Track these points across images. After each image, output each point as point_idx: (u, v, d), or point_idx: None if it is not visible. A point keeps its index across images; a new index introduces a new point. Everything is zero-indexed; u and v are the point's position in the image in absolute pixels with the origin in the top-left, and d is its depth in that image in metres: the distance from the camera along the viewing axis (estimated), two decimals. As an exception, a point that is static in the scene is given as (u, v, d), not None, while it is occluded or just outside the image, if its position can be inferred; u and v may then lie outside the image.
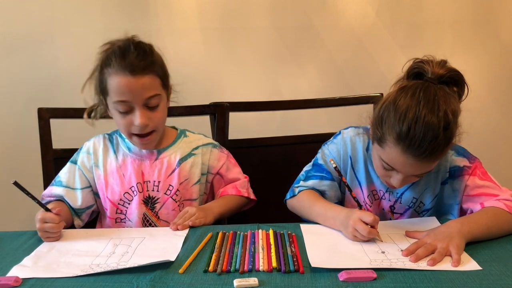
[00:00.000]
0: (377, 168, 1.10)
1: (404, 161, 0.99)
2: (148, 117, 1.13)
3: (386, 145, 1.01)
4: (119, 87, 1.10)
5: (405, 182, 1.06)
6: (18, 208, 2.07)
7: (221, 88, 2.01)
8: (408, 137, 0.95)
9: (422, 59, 1.04)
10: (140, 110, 1.12)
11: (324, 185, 1.20)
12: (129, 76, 1.10)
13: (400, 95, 1.00)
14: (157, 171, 1.23)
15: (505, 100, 2.26)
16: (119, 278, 0.86)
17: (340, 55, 2.17)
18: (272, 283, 0.82)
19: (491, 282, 0.81)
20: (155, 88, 1.14)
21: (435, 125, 0.94)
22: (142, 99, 1.12)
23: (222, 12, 2.08)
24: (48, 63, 2.03)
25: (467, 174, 1.12)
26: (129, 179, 1.22)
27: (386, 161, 1.03)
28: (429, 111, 0.95)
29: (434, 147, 0.95)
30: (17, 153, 2.05)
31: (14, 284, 0.84)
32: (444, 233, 0.95)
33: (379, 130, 1.02)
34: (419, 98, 0.96)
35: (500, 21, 2.21)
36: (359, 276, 0.82)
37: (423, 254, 0.91)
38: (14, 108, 2.03)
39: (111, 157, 1.24)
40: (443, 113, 0.95)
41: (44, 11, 2.00)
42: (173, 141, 1.27)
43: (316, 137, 1.50)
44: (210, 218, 1.15)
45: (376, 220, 0.98)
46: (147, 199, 1.22)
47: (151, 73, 1.12)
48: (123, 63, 1.10)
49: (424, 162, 0.99)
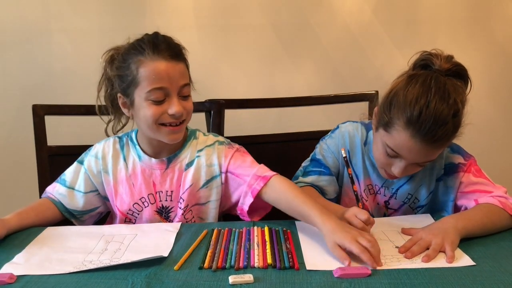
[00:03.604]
0: (379, 156, 1.10)
1: (411, 146, 1.00)
2: (182, 106, 1.09)
3: (394, 130, 1.02)
4: (157, 73, 1.05)
5: (406, 171, 1.07)
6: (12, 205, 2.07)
7: (216, 85, 2.01)
8: (418, 121, 0.97)
9: (430, 52, 1.07)
10: (176, 98, 1.08)
11: (322, 180, 1.20)
12: (167, 61, 1.06)
13: (410, 81, 1.02)
14: (169, 180, 1.17)
15: (501, 98, 2.27)
16: (114, 274, 0.85)
17: (335, 52, 2.17)
18: (267, 279, 0.82)
19: (485, 278, 0.81)
20: (187, 77, 1.11)
21: (445, 112, 0.97)
22: (178, 86, 1.08)
23: (218, 10, 2.08)
24: (43, 60, 2.02)
25: (462, 171, 1.13)
26: (139, 190, 1.17)
27: (392, 147, 1.04)
28: (440, 97, 0.97)
29: (443, 133, 0.98)
30: (12, 150, 2.04)
31: (8, 281, 0.83)
32: (439, 229, 0.96)
33: (386, 115, 1.04)
34: (430, 85, 0.99)
35: (495, 19, 2.22)
36: (354, 273, 0.82)
37: (418, 251, 0.91)
38: (8, 105, 2.03)
39: (121, 164, 1.19)
40: (453, 101, 0.98)
41: (39, 8, 1.99)
42: (182, 145, 1.20)
43: (312, 135, 1.50)
44: None
45: (371, 221, 0.98)
46: (160, 210, 1.18)
47: (183, 61, 1.11)
48: (157, 50, 1.06)
49: (431, 148, 1.00)
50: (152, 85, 1.05)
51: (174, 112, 1.07)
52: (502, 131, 2.33)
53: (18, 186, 2.00)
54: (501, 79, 2.27)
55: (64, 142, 1.38)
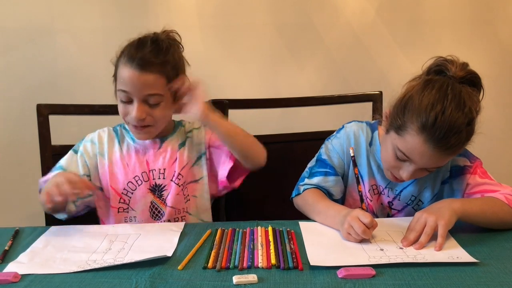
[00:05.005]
0: (388, 158, 1.09)
1: (423, 151, 1.00)
2: (146, 112, 1.16)
3: (407, 133, 1.02)
4: (123, 77, 1.14)
5: (414, 175, 1.07)
6: (16, 205, 2.07)
7: (220, 85, 2.01)
8: (434, 127, 0.97)
9: (446, 58, 1.07)
10: (138, 103, 1.15)
11: (328, 181, 1.20)
12: (135, 69, 1.13)
13: (426, 86, 1.02)
14: (162, 159, 1.24)
15: (504, 99, 2.26)
16: (118, 274, 0.86)
17: (339, 53, 2.17)
18: (271, 279, 0.83)
19: (489, 279, 0.81)
20: (157, 88, 1.15)
21: (460, 120, 0.97)
22: (142, 94, 1.15)
23: (221, 10, 2.08)
24: (48, 60, 2.03)
25: (468, 173, 1.13)
26: (133, 168, 1.23)
27: (403, 150, 1.04)
28: (456, 105, 0.98)
29: (456, 140, 0.98)
30: (16, 150, 2.04)
31: (13, 280, 0.84)
32: (434, 208, 1.00)
33: (400, 118, 1.04)
34: (447, 92, 0.99)
35: (499, 20, 2.21)
36: (358, 273, 0.82)
37: (415, 237, 0.96)
38: (13, 104, 2.03)
39: (116, 147, 1.26)
40: (468, 109, 0.98)
41: (43, 8, 1.99)
42: (173, 130, 1.29)
43: (315, 135, 1.50)
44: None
45: (373, 224, 0.97)
46: (154, 187, 1.23)
47: (158, 72, 1.15)
48: (134, 56, 1.14)
49: (443, 154, 1.01)
50: (119, 86, 1.16)
51: (132, 116, 1.15)
52: (504, 133, 2.32)
53: (22, 185, 2.01)
54: (505, 80, 2.26)
55: (68, 142, 1.38)
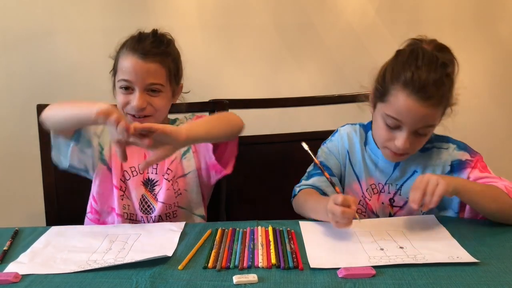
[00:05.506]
0: (381, 132, 1.11)
1: (409, 106, 1.03)
2: (147, 102, 1.17)
3: (390, 96, 1.06)
4: (126, 66, 1.16)
5: (409, 143, 1.07)
6: (16, 205, 2.07)
7: (220, 85, 2.02)
8: (412, 80, 1.02)
9: (415, 37, 1.15)
10: (140, 92, 1.16)
11: (324, 180, 1.20)
12: (138, 58, 1.15)
13: (399, 54, 1.11)
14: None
15: (505, 98, 2.26)
16: (118, 274, 0.86)
17: (339, 53, 2.17)
18: (271, 279, 0.83)
19: (490, 279, 0.81)
20: (159, 78, 1.17)
21: (436, 69, 1.03)
22: (144, 83, 1.15)
23: (221, 10, 2.08)
24: (48, 60, 2.03)
25: (469, 167, 1.13)
26: (131, 158, 1.19)
27: (391, 114, 1.06)
28: (429, 59, 1.05)
29: (436, 89, 1.02)
30: (16, 150, 2.04)
31: (13, 280, 0.84)
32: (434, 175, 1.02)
33: (381, 86, 1.09)
34: (418, 52, 1.07)
35: (500, 20, 2.21)
36: (358, 273, 0.82)
37: (420, 196, 0.96)
38: (13, 105, 2.03)
39: None
40: (442, 62, 1.05)
41: (44, 8, 1.99)
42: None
43: (315, 135, 1.50)
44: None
45: (348, 200, 0.97)
46: (146, 181, 1.24)
47: (160, 62, 1.17)
48: (136, 46, 1.16)
49: (429, 106, 1.03)
50: (121, 76, 1.17)
51: (134, 105, 1.16)
52: (504, 131, 2.32)
53: (22, 185, 2.01)
54: (504, 79, 2.26)
55: (68, 142, 1.38)
